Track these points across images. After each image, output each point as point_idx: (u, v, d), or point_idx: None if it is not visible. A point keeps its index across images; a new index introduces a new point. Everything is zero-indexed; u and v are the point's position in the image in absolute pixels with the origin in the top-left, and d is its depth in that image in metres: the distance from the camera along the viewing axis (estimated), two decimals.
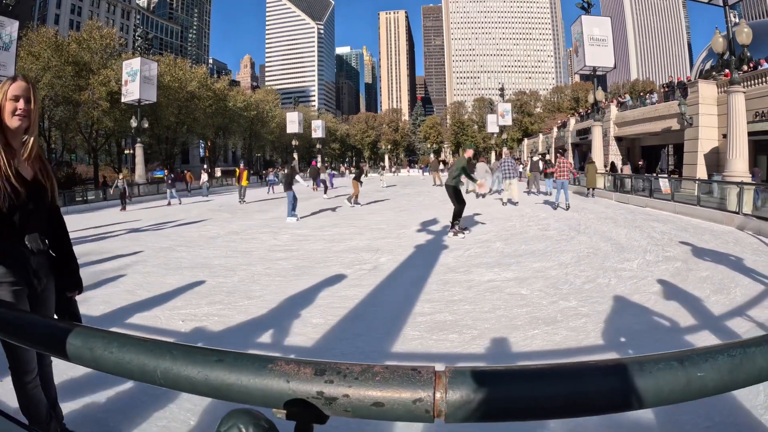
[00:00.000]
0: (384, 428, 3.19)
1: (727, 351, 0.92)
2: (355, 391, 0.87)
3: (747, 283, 6.98)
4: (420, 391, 0.85)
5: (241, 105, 74.14)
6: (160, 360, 1.06)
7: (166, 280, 7.78)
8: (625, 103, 40.05)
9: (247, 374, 0.96)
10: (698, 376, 0.89)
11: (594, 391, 0.86)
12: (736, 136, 18.36)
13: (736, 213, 13.38)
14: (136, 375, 1.10)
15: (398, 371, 0.88)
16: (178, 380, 1.04)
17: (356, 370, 0.90)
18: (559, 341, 4.83)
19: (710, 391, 0.90)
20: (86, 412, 3.44)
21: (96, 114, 45.57)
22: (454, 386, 0.85)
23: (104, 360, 1.13)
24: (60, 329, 1.25)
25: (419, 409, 0.85)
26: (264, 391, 0.93)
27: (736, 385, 0.92)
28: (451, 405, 0.84)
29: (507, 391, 0.85)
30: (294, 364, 0.94)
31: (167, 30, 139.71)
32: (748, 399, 3.44)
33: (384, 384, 0.87)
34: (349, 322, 5.54)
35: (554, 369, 0.89)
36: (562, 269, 8.09)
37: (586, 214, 16.45)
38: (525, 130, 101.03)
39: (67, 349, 1.19)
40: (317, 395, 0.89)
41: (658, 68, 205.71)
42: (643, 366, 0.88)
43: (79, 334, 1.20)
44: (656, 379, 0.87)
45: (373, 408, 0.86)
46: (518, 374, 0.88)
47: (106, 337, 1.18)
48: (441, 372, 0.88)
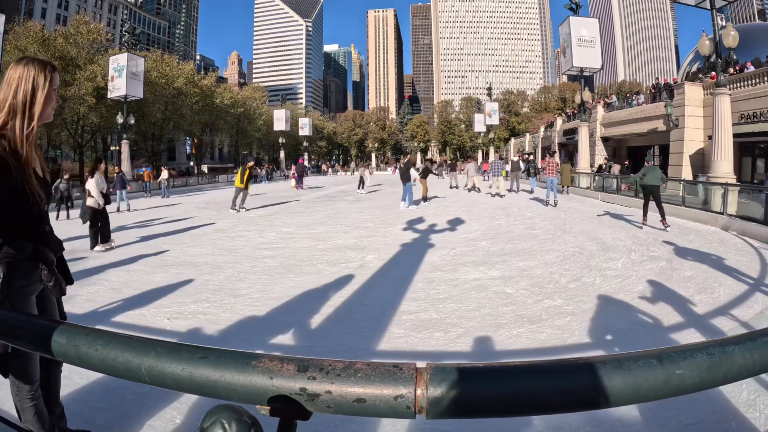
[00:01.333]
0: (369, 424, 3.20)
1: (707, 349, 0.94)
2: (338, 387, 0.88)
3: (730, 283, 7.06)
4: (401, 387, 0.86)
5: (228, 102, 73.67)
6: (145, 357, 1.06)
7: (151, 278, 7.73)
8: (612, 104, 40.29)
9: (231, 371, 0.96)
10: (677, 373, 0.90)
11: (574, 388, 0.87)
12: (722, 138, 18.52)
13: (721, 213, 13.51)
14: (121, 372, 1.10)
15: (380, 368, 0.89)
16: (163, 377, 1.04)
17: (339, 367, 0.90)
18: (544, 339, 4.86)
19: (689, 388, 0.91)
20: (72, 410, 3.42)
21: (82, 110, 45.17)
22: (435, 383, 0.86)
23: (89, 357, 1.13)
24: (45, 327, 1.24)
25: (400, 406, 0.85)
26: (248, 388, 0.94)
27: (715, 382, 0.93)
28: (432, 401, 0.85)
29: (487, 388, 0.86)
30: (277, 360, 0.94)
31: (154, 25, 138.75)
32: (732, 396, 3.49)
33: (366, 381, 0.87)
34: (334, 320, 5.54)
35: (534, 366, 0.90)
36: (547, 268, 8.14)
37: (572, 213, 16.55)
38: (512, 129, 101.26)
39: (52, 347, 1.19)
40: (300, 391, 0.90)
41: (645, 70, 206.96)
42: (623, 363, 0.90)
43: (65, 332, 1.20)
44: (635, 376, 0.89)
45: (356, 404, 0.87)
46: (498, 371, 0.89)
47: (90, 335, 1.17)
48: (422, 369, 0.89)
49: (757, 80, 24.94)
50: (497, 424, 3.08)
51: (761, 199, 12.26)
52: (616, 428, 3.15)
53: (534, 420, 3.24)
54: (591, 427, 3.14)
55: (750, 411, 3.35)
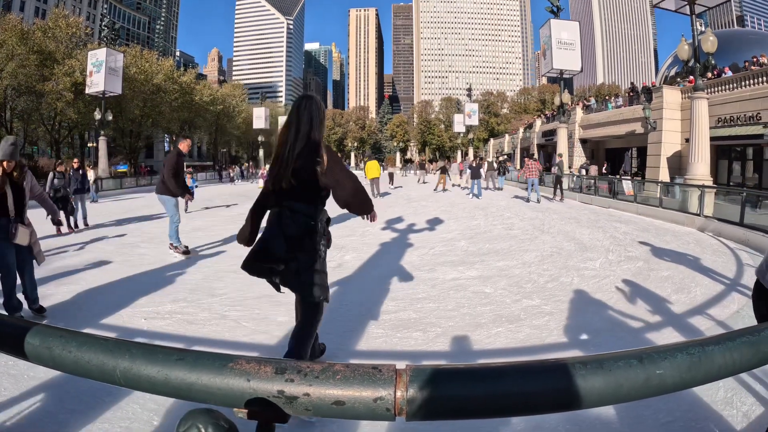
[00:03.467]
0: (348, 425, 3.19)
1: (686, 349, 0.95)
2: (316, 389, 0.87)
3: (707, 283, 7.16)
4: (381, 389, 0.85)
5: (208, 99, 73.19)
6: (120, 359, 1.04)
7: (128, 277, 7.65)
8: (591, 106, 40.65)
9: (208, 373, 0.95)
10: (657, 373, 0.90)
11: (554, 389, 0.87)
12: (699, 141, 18.78)
13: (697, 215, 13.69)
14: (95, 375, 1.08)
15: (359, 370, 0.88)
16: (139, 380, 1.02)
17: (317, 369, 0.89)
18: (522, 339, 4.89)
19: (669, 388, 0.92)
20: (47, 412, 3.38)
21: (60, 105, 44.68)
22: (414, 384, 0.85)
23: (62, 359, 1.11)
24: (18, 328, 1.22)
25: (380, 408, 0.85)
26: (224, 391, 0.92)
27: (695, 382, 0.94)
28: (412, 403, 0.84)
29: (467, 389, 0.86)
30: (254, 363, 0.93)
31: (134, 20, 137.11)
32: (708, 395, 3.53)
33: (344, 383, 0.86)
34: None
35: (514, 367, 0.90)
36: (525, 268, 8.18)
37: (550, 214, 16.67)
38: (491, 130, 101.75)
39: (25, 348, 1.16)
40: (278, 394, 0.89)
41: (624, 73, 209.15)
42: (603, 364, 0.90)
43: (38, 333, 1.17)
44: (616, 376, 0.89)
45: (334, 407, 0.86)
46: (478, 372, 0.89)
47: (64, 336, 1.15)
48: (402, 370, 0.88)
49: (735, 85, 25.34)
50: (476, 424, 3.09)
51: (737, 201, 12.44)
52: (594, 426, 3.18)
53: (512, 419, 3.25)
54: (570, 425, 3.17)
55: (727, 409, 3.40)
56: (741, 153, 26.91)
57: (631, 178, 23.34)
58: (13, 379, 3.80)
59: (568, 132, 36.75)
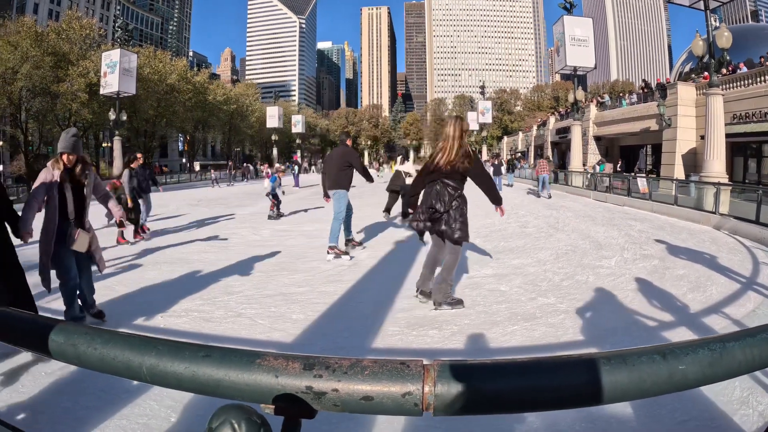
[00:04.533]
0: (365, 422, 3.20)
1: (708, 345, 0.95)
2: (345, 385, 0.87)
3: (723, 282, 7.10)
4: (409, 384, 0.85)
5: (221, 99, 73.65)
6: (146, 356, 1.05)
7: (144, 275, 7.70)
8: (605, 103, 40.40)
9: (236, 369, 0.95)
10: (680, 369, 0.90)
11: (579, 383, 0.88)
12: (714, 138, 18.59)
13: (713, 213, 13.57)
14: (121, 371, 1.09)
15: (387, 365, 0.89)
16: (165, 376, 1.03)
17: (345, 365, 0.90)
18: (538, 337, 4.88)
19: (691, 383, 0.92)
20: (64, 409, 3.41)
21: (74, 106, 45.05)
22: (442, 379, 0.86)
23: (88, 356, 1.12)
24: (42, 326, 1.23)
25: (408, 403, 0.85)
26: (252, 387, 0.93)
27: (716, 378, 0.94)
28: (440, 398, 0.85)
29: (494, 385, 0.86)
30: (282, 359, 0.94)
31: (147, 21, 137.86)
32: (725, 394, 3.50)
33: (373, 378, 0.87)
34: (329, 318, 5.53)
35: (540, 362, 0.90)
36: (540, 266, 8.16)
37: (565, 212, 16.60)
38: (505, 128, 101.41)
39: (49, 346, 1.17)
40: (306, 390, 0.89)
41: (638, 69, 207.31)
42: (626, 359, 0.90)
43: (62, 331, 1.18)
44: (639, 371, 0.89)
45: (363, 402, 0.87)
46: (505, 368, 0.89)
47: (89, 333, 1.16)
48: (429, 365, 0.89)
49: (750, 81, 25.09)
50: (494, 422, 3.09)
51: (753, 199, 12.32)
52: (610, 424, 3.17)
53: (529, 417, 3.24)
54: (586, 423, 3.16)
55: (743, 408, 3.37)
56: (757, 150, 26.64)
57: (646, 176, 23.20)
58: (30, 376, 3.85)
59: (582, 129, 36.55)
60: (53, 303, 5.36)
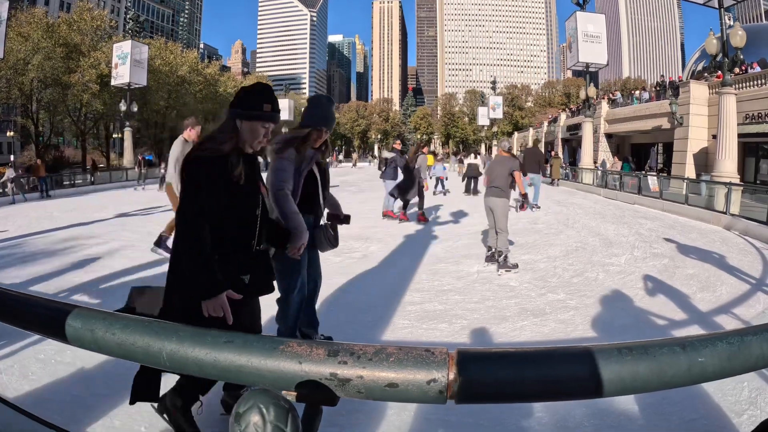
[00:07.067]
0: (373, 413, 3.20)
1: (726, 338, 0.95)
2: (369, 372, 0.88)
3: (733, 282, 7.07)
4: (435, 371, 0.86)
5: (232, 90, 73.41)
6: (167, 342, 1.05)
7: (157, 265, 7.73)
8: (616, 101, 40.14)
9: (258, 356, 0.96)
10: (699, 361, 0.91)
11: (602, 373, 0.88)
12: (726, 138, 18.45)
13: (724, 213, 13.46)
14: (140, 357, 1.10)
15: (412, 352, 0.89)
16: (186, 362, 1.03)
17: (370, 351, 0.90)
18: (547, 333, 4.88)
19: (710, 376, 0.92)
20: (75, 396, 3.43)
21: (85, 97, 45.17)
22: (467, 367, 0.86)
23: (106, 342, 1.12)
24: (58, 311, 1.22)
25: (433, 390, 0.85)
26: (276, 373, 0.93)
27: (734, 371, 0.94)
28: (463, 386, 0.85)
29: (519, 373, 0.87)
30: (306, 345, 0.94)
31: (159, 13, 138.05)
32: (733, 394, 3.49)
33: (398, 365, 0.87)
34: (338, 310, 5.54)
35: (564, 351, 0.91)
36: (550, 262, 8.15)
37: (575, 209, 16.53)
38: (515, 123, 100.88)
39: (66, 331, 1.17)
40: (330, 377, 0.90)
41: (650, 67, 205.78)
42: (648, 350, 0.90)
43: (79, 316, 1.18)
44: (660, 362, 0.89)
45: (387, 389, 0.87)
46: (530, 356, 0.90)
47: (107, 319, 1.16)
48: (453, 353, 0.89)
49: (763, 81, 24.82)
50: (501, 418, 3.09)
51: (765, 200, 12.22)
52: (620, 421, 3.17)
53: (538, 413, 3.24)
54: (596, 420, 3.16)
55: (751, 408, 3.36)
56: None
57: (657, 174, 23.07)
58: (41, 364, 3.87)
59: (593, 126, 36.33)
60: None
